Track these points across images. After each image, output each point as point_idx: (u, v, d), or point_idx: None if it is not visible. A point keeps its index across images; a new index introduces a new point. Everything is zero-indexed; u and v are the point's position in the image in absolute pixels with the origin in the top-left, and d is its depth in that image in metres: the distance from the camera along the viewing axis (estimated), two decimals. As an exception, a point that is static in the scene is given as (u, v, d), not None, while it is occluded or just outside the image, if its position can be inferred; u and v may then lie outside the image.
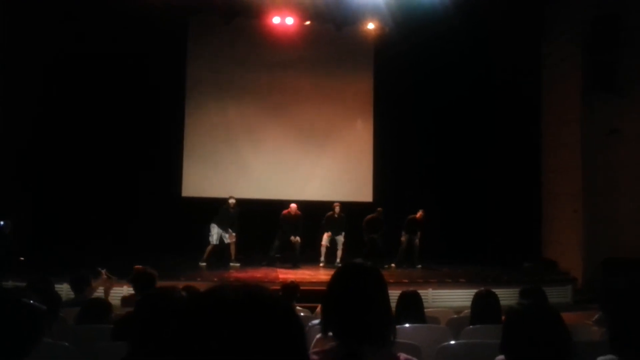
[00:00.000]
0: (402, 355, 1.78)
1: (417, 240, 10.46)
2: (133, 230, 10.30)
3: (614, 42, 9.66)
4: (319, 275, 8.80)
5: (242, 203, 10.26)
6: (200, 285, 7.08)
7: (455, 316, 4.89)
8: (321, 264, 10.09)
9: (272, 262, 9.91)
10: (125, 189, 10.77)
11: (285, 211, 10.15)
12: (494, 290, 4.08)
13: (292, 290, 5.15)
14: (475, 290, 4.20)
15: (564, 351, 1.86)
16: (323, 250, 10.24)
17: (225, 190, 11.28)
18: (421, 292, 7.45)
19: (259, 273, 9.05)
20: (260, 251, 10.34)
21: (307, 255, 10.22)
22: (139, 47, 10.66)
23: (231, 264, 9.82)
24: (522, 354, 1.88)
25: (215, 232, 9.79)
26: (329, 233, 10.23)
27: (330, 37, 11.84)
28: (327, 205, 10.56)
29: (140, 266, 4.77)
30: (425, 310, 5.28)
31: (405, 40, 10.86)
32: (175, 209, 11.05)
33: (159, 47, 10.92)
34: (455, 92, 11.65)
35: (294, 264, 9.81)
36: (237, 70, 11.84)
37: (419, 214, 10.35)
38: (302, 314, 4.68)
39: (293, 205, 10.23)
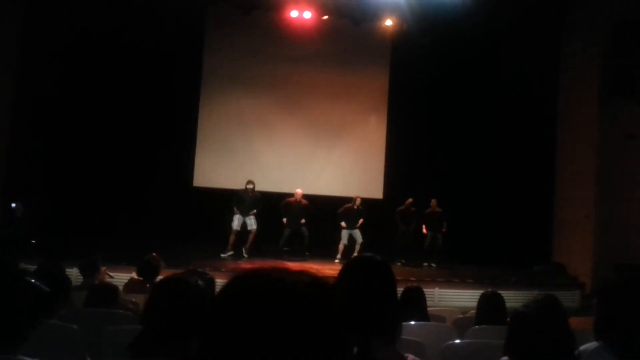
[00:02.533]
0: (410, 357, 1.77)
1: (440, 236, 10.40)
2: (144, 218, 10.40)
3: (633, 48, 9.54)
4: (325, 269, 8.79)
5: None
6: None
7: (461, 316, 4.88)
8: (337, 260, 9.90)
9: (280, 255, 9.86)
10: (137, 176, 10.86)
11: (289, 199, 10.05)
12: (501, 291, 4.07)
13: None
14: (482, 291, 4.19)
15: (568, 355, 1.85)
16: (341, 247, 10.05)
17: (236, 182, 11.33)
18: (428, 290, 7.51)
19: (266, 265, 9.07)
20: (269, 243, 10.36)
21: (316, 252, 10.19)
22: (156, 35, 10.68)
23: (243, 249, 9.78)
24: (526, 356, 1.88)
25: (237, 218, 9.73)
26: (344, 223, 10.07)
27: (348, 32, 11.80)
28: (337, 200, 10.55)
29: (155, 254, 4.82)
30: (432, 309, 5.30)
31: (422, 38, 10.79)
32: (187, 198, 11.13)
33: (176, 35, 10.96)
34: (471, 92, 11.58)
35: (302, 257, 9.79)
36: (253, 62, 11.86)
37: (431, 205, 10.41)
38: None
39: (298, 191, 10.05)
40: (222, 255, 9.60)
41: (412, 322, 3.62)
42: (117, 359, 2.05)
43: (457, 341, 3.20)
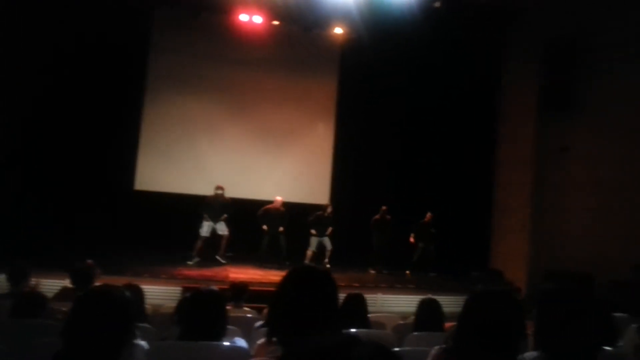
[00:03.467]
0: None
1: (432, 247, 10.70)
2: (82, 223, 9.98)
3: (568, 64, 10.04)
4: (269, 275, 8.75)
5: (198, 199, 10.07)
6: (147, 282, 6.95)
7: (402, 322, 4.96)
8: None
9: (263, 262, 9.79)
10: (75, 179, 10.42)
11: (268, 206, 10.11)
12: (441, 297, 4.17)
13: (240, 290, 5.10)
14: (422, 297, 4.28)
15: (518, 337, 1.81)
16: (309, 254, 10.16)
17: (180, 186, 11.15)
18: (371, 296, 7.62)
19: (209, 272, 8.91)
20: (214, 250, 10.19)
21: (261, 258, 10.12)
22: (101, 35, 10.35)
23: (217, 257, 9.67)
24: (476, 337, 1.79)
25: (206, 224, 9.58)
26: (314, 231, 10.19)
27: (298, 38, 11.83)
28: (284, 206, 10.50)
29: (90, 260, 4.63)
30: (373, 315, 5.36)
31: (371, 48, 10.97)
32: (127, 202, 10.78)
33: (122, 35, 10.63)
34: (416, 104, 11.86)
35: (280, 264, 9.65)
36: (200, 65, 11.67)
37: (427, 216, 10.64)
38: (249, 315, 4.65)
39: (278, 199, 10.17)
40: (189, 262, 9.43)
41: (353, 330, 3.64)
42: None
43: (396, 349, 3.24)
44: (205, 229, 9.57)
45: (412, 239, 10.70)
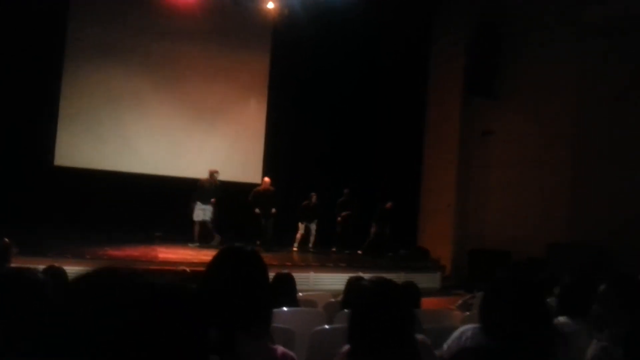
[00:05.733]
0: (280, 349, 1.75)
1: (387, 231, 10.96)
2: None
3: (493, 49, 10.42)
4: (200, 255, 8.59)
5: (123, 177, 9.68)
6: (70, 263, 6.61)
7: (332, 300, 5.03)
8: (294, 249, 10.59)
9: (270, 247, 9.60)
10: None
11: (257, 188, 10.14)
12: (370, 274, 4.24)
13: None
14: (352, 274, 4.36)
15: (410, 338, 1.86)
16: (298, 237, 10.67)
17: (103, 162, 10.64)
18: (303, 275, 7.68)
19: (136, 252, 8.61)
20: (142, 229, 9.85)
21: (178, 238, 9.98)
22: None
23: (190, 244, 9.62)
24: (365, 340, 1.79)
25: (197, 208, 9.62)
26: (304, 223, 10.66)
27: (228, 11, 11.43)
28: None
29: (7, 239, 4.30)
30: (305, 294, 5.41)
31: (303, 25, 10.85)
32: (47, 178, 10.16)
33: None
34: (349, 81, 11.93)
35: (267, 248, 9.38)
36: (124, 35, 11.07)
37: (388, 204, 10.87)
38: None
39: (266, 180, 10.23)
40: (190, 244, 9.55)
41: (285, 309, 3.64)
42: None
43: (326, 326, 3.28)
44: (200, 213, 9.67)
45: (372, 229, 11.01)
